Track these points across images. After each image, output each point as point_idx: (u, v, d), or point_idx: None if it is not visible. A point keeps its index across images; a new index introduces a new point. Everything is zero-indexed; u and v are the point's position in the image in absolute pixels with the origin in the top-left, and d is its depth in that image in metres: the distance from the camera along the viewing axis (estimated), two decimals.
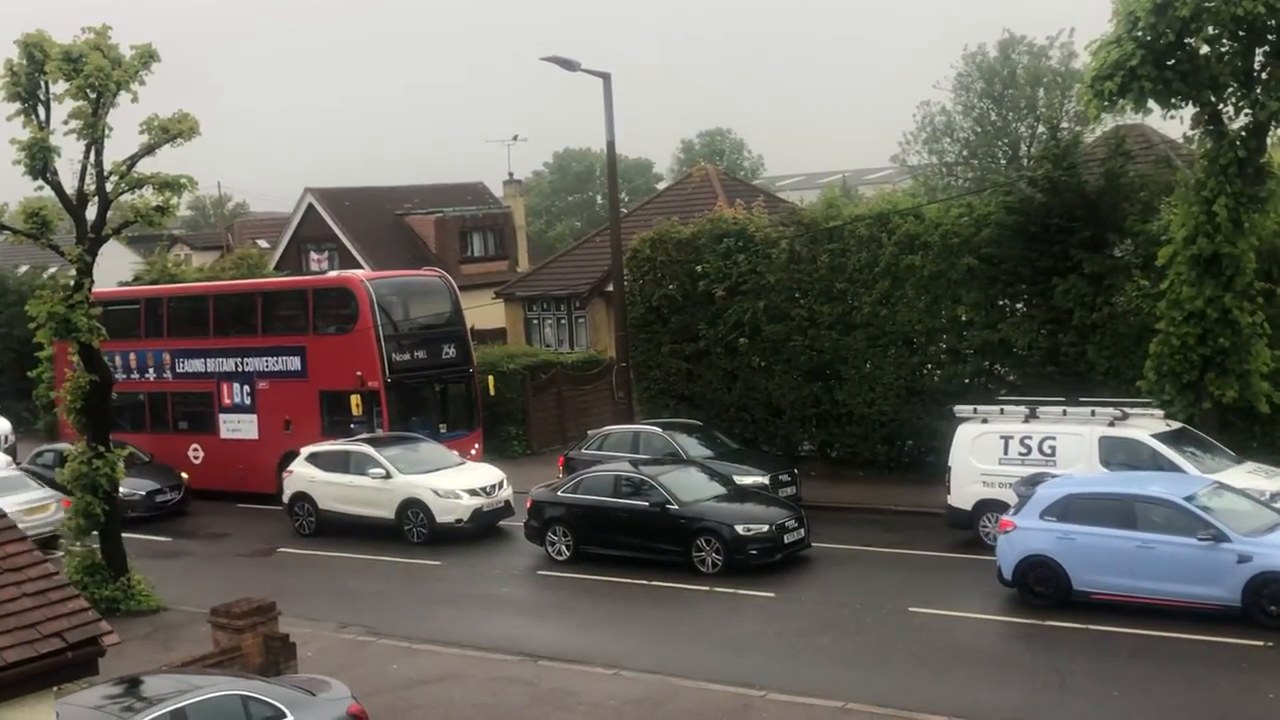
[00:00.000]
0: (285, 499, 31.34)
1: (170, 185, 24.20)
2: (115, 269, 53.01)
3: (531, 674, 19.77)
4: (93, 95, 23.45)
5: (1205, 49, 23.88)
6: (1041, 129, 59.40)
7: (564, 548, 26.34)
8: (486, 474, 30.25)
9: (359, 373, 32.59)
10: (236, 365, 35.44)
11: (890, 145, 77.98)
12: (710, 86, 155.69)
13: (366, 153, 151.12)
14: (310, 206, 59.84)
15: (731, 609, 22.65)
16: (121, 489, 30.74)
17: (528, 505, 27.24)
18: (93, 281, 24.59)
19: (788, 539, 24.70)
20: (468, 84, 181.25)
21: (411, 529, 29.27)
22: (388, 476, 29.57)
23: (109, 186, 24.24)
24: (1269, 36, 23.29)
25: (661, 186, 76.20)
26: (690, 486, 25.79)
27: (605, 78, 33.44)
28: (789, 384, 33.06)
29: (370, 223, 59.63)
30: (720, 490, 26.00)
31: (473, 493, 29.23)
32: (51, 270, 43.66)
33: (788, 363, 33.12)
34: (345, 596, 25.39)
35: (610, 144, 34.57)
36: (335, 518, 30.40)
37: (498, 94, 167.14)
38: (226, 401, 35.66)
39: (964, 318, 30.85)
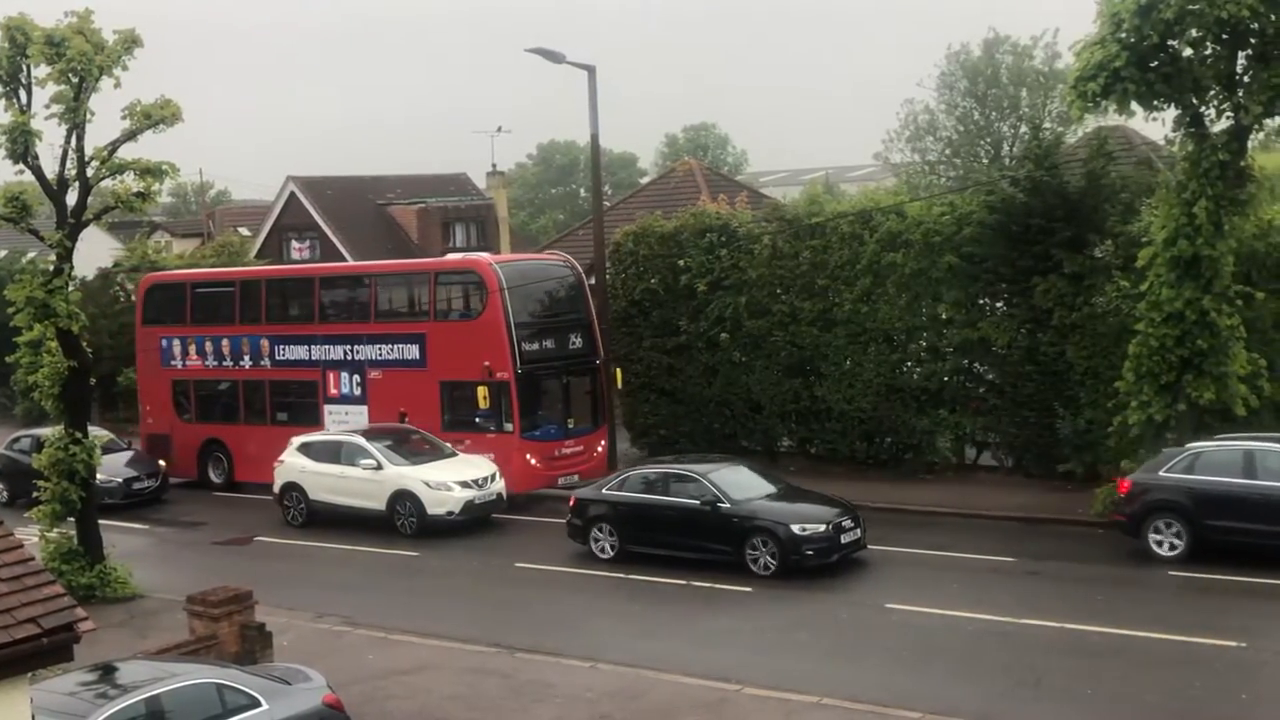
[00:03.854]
0: (275, 489, 30.74)
1: (152, 171, 24.13)
2: (95, 254, 52.73)
3: (508, 665, 19.76)
4: (75, 80, 23.37)
5: (1188, 52, 23.98)
6: (1024, 129, 59.50)
7: (608, 546, 25.46)
8: (479, 466, 29.60)
9: (486, 363, 30.48)
10: (345, 353, 33.26)
11: (873, 143, 77.88)
12: (695, 82, 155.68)
13: (349, 142, 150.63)
14: (292, 195, 59.59)
15: (709, 603, 22.70)
16: (98, 476, 30.63)
17: (570, 503, 26.25)
18: (72, 266, 24.51)
19: (844, 539, 23.80)
20: (452, 75, 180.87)
21: (402, 521, 28.78)
22: (379, 467, 29.02)
23: (90, 172, 24.16)
24: (1252, 40, 23.38)
25: (645, 180, 76.10)
26: (741, 484, 24.78)
27: (590, 70, 33.40)
28: (769, 379, 33.10)
29: (352, 212, 59.40)
30: (771, 488, 25.03)
31: (464, 485, 28.69)
32: (31, 255, 43.43)
33: (768, 358, 33.16)
34: (322, 586, 25.34)
35: (594, 137, 34.54)
36: (326, 508, 29.97)
37: (482, 85, 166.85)
38: (333, 392, 33.50)
39: (944, 316, 30.97)
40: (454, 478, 28.81)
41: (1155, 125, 25.65)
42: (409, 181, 64.60)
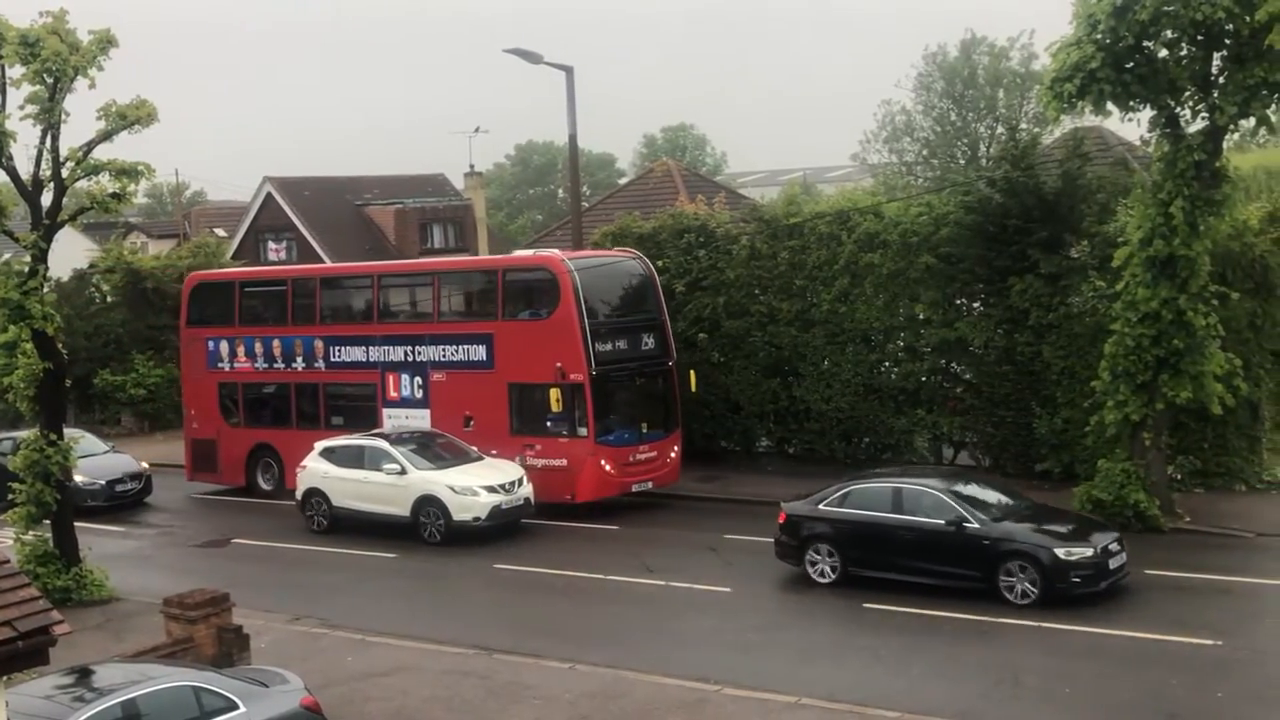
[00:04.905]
0: (299, 494, 29.82)
1: (127, 172, 24.03)
2: (70, 256, 52.47)
3: (486, 667, 19.72)
4: (50, 80, 23.24)
5: (1164, 53, 24.09)
6: (1001, 129, 59.76)
7: (828, 569, 22.84)
8: (505, 470, 28.56)
9: (559, 364, 28.75)
10: (406, 354, 31.60)
11: (851, 144, 78.17)
12: (674, 82, 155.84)
13: (326, 143, 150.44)
14: (269, 196, 59.46)
15: (689, 604, 22.67)
16: (80, 478, 30.41)
17: (780, 520, 23.60)
18: (47, 268, 24.36)
19: (1112, 564, 21.23)
20: (430, 75, 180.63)
21: (427, 527, 27.80)
22: (403, 472, 28.03)
23: (65, 172, 24.03)
24: (1226, 41, 23.49)
25: (624, 181, 76.15)
26: (986, 500, 22.29)
27: (568, 71, 33.43)
28: (748, 380, 33.13)
29: (329, 213, 59.32)
30: (1019, 506, 22.45)
31: (491, 489, 27.64)
32: (5, 256, 43.22)
33: (747, 358, 33.20)
34: (298, 588, 25.26)
35: (572, 137, 34.54)
36: (349, 515, 28.90)
37: (460, 86, 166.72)
38: (393, 395, 31.82)
39: (921, 316, 31.07)
40: (480, 482, 27.78)
41: (1131, 126, 25.81)
42: (386, 182, 64.53)
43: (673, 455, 30.78)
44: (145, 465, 34.85)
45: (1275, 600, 21.55)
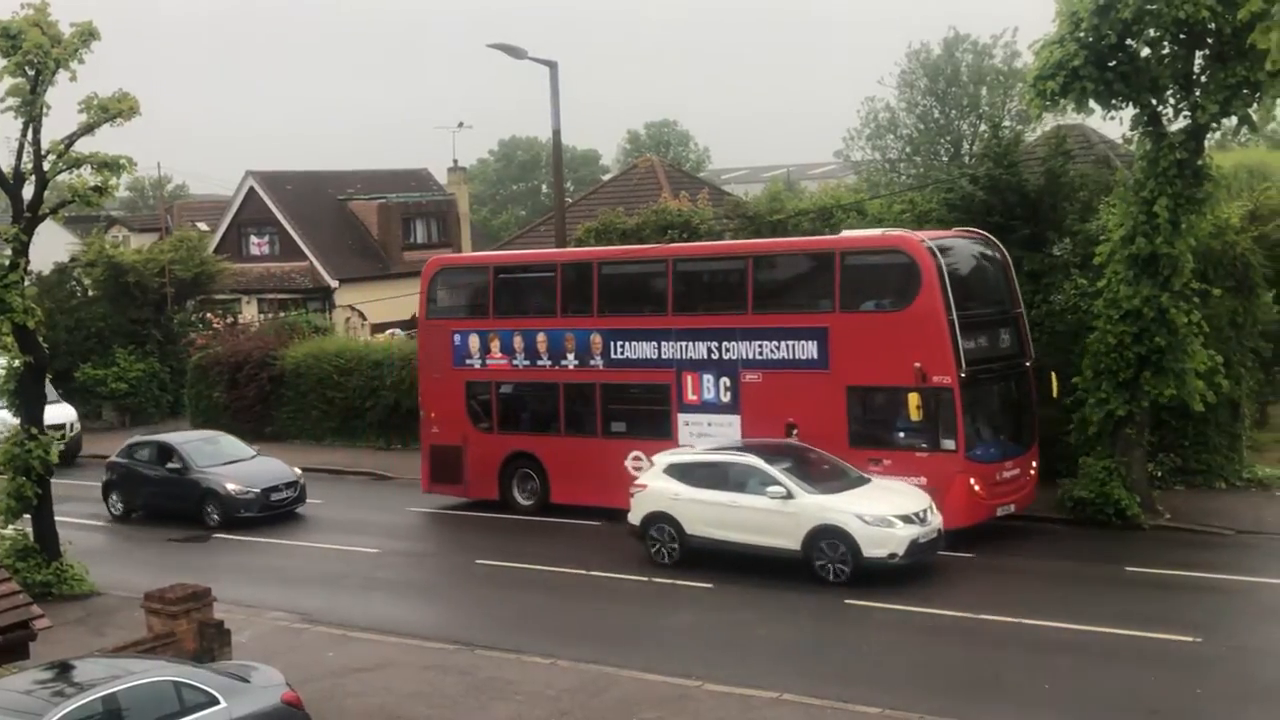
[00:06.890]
0: (636, 519, 25.07)
1: (109, 165, 23.98)
2: (51, 249, 52.32)
3: (468, 663, 19.71)
4: (31, 72, 23.21)
5: (1146, 51, 24.18)
6: (983, 127, 59.92)
7: None
8: (910, 494, 23.71)
9: (918, 364, 24.31)
10: (710, 351, 27.15)
11: (834, 140, 78.32)
12: (658, 78, 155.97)
13: (310, 137, 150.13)
14: (251, 190, 59.28)
15: (670, 599, 22.65)
16: (232, 486, 29.92)
17: None
18: (28, 261, 24.29)
19: None
20: (414, 70, 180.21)
21: (827, 565, 22.77)
22: (788, 496, 23.17)
23: (46, 165, 23.98)
24: (1209, 40, 23.59)
25: (607, 177, 76.15)
26: None
27: (552, 66, 33.39)
28: None
29: (312, 207, 59.17)
30: None
31: (906, 520, 22.68)
32: None
33: None
34: (281, 583, 25.22)
35: (556, 132, 34.48)
36: (708, 545, 24.12)
37: (444, 82, 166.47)
38: (691, 397, 27.39)
39: None
40: (893, 511, 22.84)
41: (1113, 124, 25.93)
42: (369, 176, 64.39)
43: (1032, 472, 26.46)
44: (298, 471, 31.61)
45: (1255, 597, 21.70)
